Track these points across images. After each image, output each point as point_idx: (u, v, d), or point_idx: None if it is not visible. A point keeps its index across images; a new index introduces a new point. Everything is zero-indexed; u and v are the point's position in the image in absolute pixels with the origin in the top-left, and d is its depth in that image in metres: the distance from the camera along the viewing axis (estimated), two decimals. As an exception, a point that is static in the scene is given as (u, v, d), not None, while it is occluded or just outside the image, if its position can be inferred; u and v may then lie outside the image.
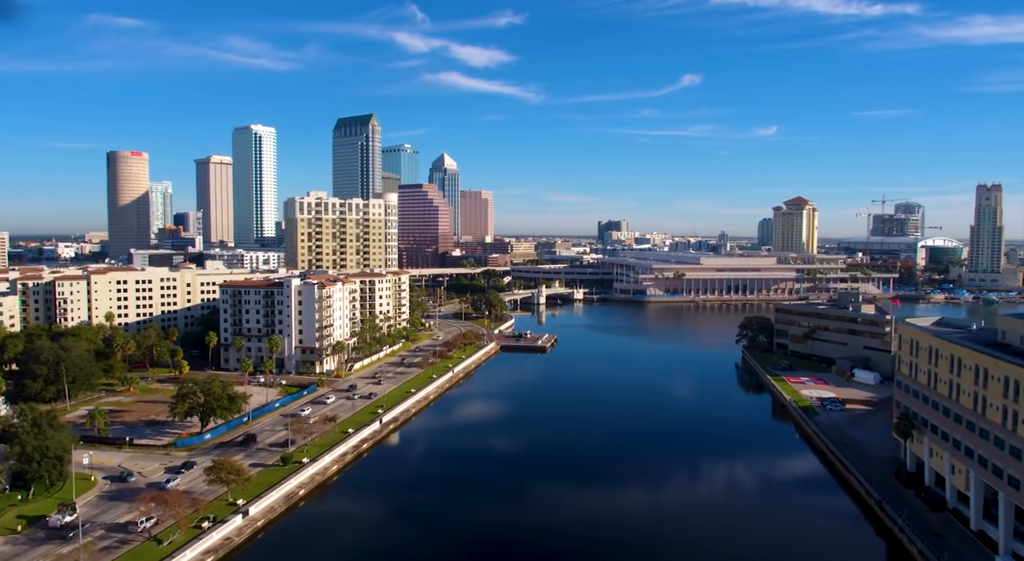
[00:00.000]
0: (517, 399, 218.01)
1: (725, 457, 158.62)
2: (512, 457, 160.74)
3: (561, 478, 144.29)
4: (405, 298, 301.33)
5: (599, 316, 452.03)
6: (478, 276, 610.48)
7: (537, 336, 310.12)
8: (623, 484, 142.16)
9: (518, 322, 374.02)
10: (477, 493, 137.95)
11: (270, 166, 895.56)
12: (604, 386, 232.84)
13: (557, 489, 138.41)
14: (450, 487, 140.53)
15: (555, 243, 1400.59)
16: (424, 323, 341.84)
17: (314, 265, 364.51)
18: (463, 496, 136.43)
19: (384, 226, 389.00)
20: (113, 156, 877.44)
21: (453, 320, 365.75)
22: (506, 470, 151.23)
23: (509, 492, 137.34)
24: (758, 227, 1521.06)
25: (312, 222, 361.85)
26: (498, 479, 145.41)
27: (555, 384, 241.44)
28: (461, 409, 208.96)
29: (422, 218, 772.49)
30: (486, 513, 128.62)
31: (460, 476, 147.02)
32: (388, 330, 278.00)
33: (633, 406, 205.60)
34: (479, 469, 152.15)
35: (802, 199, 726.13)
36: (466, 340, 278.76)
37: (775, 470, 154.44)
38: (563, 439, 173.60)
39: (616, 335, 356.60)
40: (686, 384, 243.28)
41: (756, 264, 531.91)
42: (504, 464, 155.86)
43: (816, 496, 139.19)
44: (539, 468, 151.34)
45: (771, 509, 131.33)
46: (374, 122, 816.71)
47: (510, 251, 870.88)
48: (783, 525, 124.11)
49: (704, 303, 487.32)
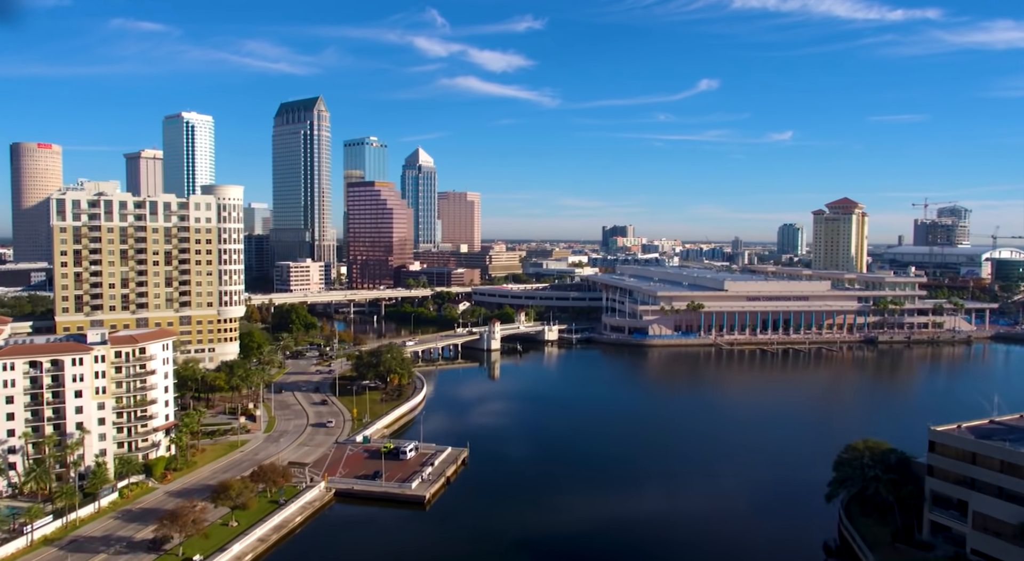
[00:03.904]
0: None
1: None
2: None
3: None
4: (161, 382, 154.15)
5: (576, 372, 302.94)
6: (427, 301, 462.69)
7: (422, 457, 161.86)
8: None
9: (443, 382, 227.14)
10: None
11: (205, 161, 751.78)
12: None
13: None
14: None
15: (551, 251, 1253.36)
16: (251, 410, 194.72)
17: (86, 303, 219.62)
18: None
19: (220, 239, 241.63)
20: (17, 149, 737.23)
21: (316, 395, 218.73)
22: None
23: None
24: (778, 233, 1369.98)
25: (85, 232, 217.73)
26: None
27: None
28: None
29: (373, 224, 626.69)
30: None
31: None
32: (77, 471, 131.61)
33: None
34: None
35: (849, 201, 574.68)
36: (260, 480, 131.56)
37: None
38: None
39: (592, 424, 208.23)
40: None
41: (802, 289, 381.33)
42: None
43: None
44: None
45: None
46: (320, 106, 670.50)
47: (489, 263, 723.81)
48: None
49: (730, 347, 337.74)
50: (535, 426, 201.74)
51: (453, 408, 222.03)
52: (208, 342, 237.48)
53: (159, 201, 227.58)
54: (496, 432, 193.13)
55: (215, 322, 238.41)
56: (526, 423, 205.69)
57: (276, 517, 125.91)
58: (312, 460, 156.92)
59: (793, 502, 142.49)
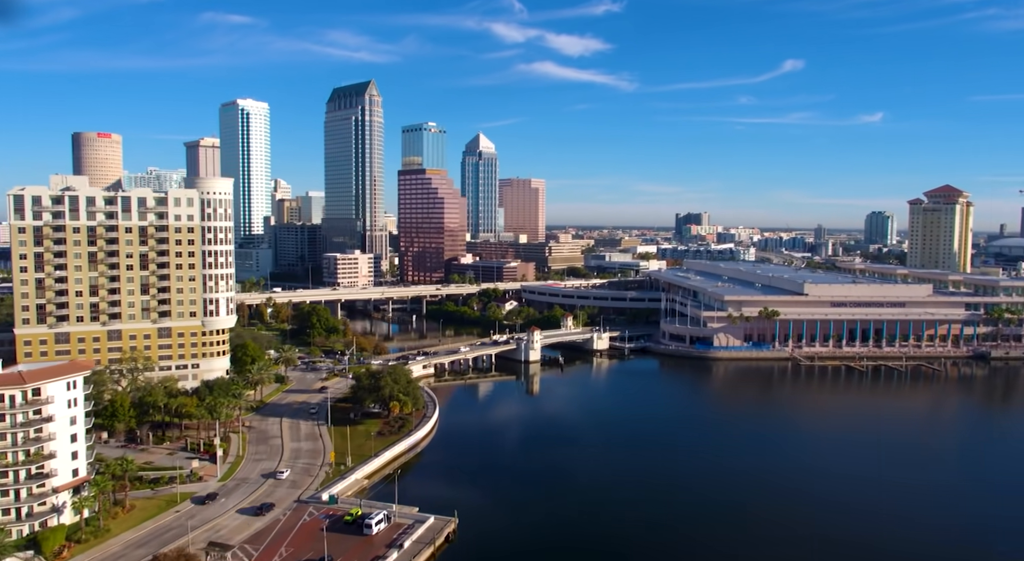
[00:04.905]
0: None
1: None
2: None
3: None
4: (64, 430, 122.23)
5: (625, 393, 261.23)
6: (472, 299, 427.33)
7: (394, 531, 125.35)
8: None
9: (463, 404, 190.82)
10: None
11: (260, 148, 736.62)
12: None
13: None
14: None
15: (620, 240, 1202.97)
16: (215, 447, 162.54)
17: (50, 314, 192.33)
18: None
19: (204, 240, 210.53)
20: (78, 138, 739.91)
21: (307, 424, 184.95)
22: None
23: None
24: (865, 221, 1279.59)
25: (48, 233, 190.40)
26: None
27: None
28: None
29: (424, 214, 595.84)
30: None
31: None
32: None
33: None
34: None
35: (952, 189, 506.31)
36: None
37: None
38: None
39: (635, 473, 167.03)
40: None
41: (898, 294, 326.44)
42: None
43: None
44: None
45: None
46: (372, 90, 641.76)
47: (548, 254, 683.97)
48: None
49: (809, 363, 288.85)
50: (563, 477, 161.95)
51: (463, 447, 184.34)
52: (192, 357, 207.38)
53: (132, 196, 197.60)
54: (506, 488, 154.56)
55: (199, 334, 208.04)
56: (551, 472, 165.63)
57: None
58: (249, 534, 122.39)
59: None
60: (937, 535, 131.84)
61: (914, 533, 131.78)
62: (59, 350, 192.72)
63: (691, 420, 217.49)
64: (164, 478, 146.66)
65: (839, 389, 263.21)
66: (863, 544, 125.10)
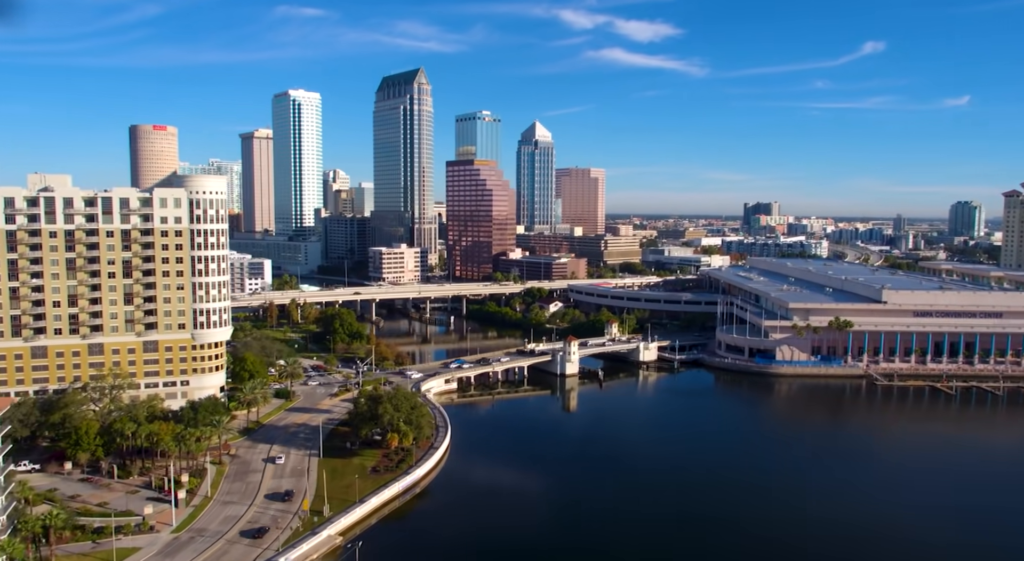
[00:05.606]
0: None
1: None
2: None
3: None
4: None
5: (676, 415, 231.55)
6: (515, 299, 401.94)
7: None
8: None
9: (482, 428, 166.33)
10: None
11: (312, 139, 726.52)
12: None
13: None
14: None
15: (684, 231, 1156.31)
16: (181, 485, 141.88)
17: (25, 326, 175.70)
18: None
19: (194, 244, 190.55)
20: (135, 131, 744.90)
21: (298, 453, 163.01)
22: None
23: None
24: (950, 211, 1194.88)
25: (23, 237, 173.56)
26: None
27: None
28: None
29: (472, 207, 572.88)
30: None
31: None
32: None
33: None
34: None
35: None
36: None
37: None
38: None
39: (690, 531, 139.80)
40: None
41: (995, 302, 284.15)
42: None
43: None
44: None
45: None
46: (421, 79, 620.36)
47: (604, 248, 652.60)
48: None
49: (887, 382, 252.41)
50: (591, 540, 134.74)
51: (470, 488, 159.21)
52: (180, 373, 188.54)
53: (114, 197, 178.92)
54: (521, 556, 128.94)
55: (189, 348, 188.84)
56: (576, 529, 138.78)
57: None
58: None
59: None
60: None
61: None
62: (36, 365, 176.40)
63: (750, 452, 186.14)
64: (108, 528, 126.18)
65: (922, 415, 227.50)
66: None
